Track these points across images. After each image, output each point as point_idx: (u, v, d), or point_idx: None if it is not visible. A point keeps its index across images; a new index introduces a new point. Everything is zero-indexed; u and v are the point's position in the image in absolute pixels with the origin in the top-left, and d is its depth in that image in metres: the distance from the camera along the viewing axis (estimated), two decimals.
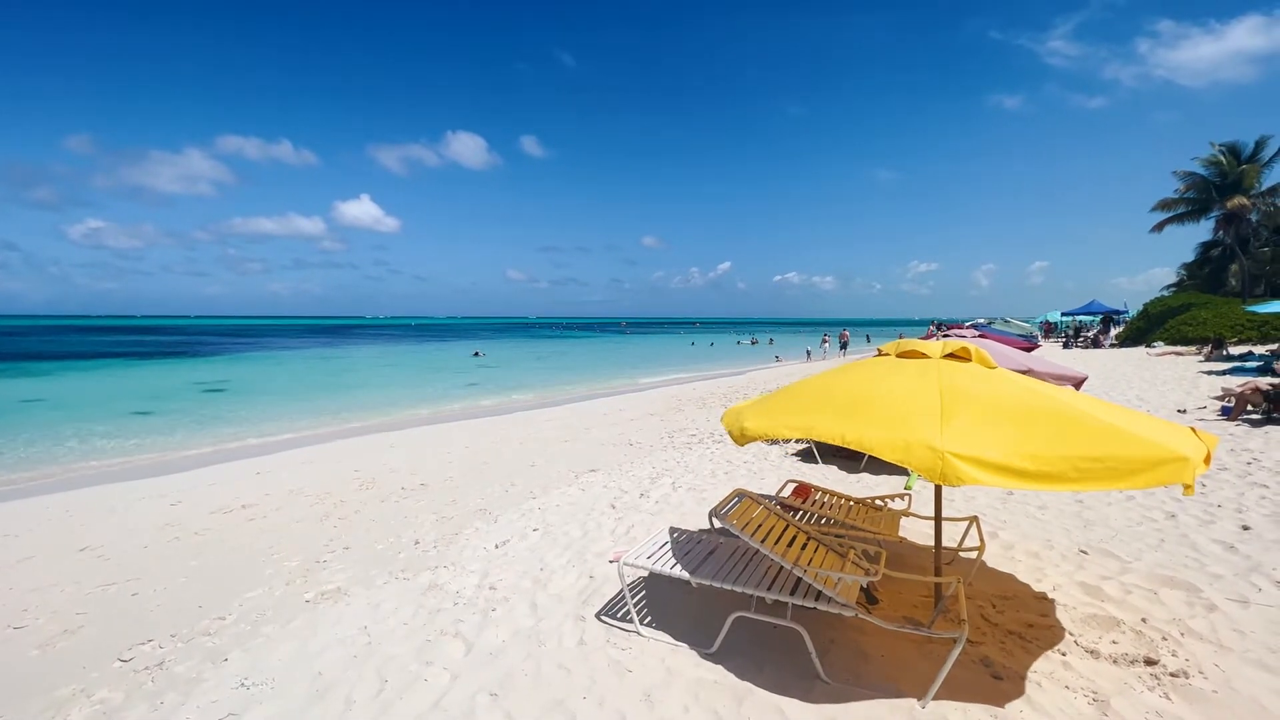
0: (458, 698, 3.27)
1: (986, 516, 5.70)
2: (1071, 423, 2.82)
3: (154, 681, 3.64)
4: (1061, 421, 2.83)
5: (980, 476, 2.62)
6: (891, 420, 2.98)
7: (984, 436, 2.77)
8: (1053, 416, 2.88)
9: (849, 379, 3.55)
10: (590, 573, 4.83)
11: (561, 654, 3.65)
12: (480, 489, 7.79)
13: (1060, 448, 2.66)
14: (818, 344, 38.92)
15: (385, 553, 5.62)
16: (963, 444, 2.71)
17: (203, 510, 7.44)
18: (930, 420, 2.88)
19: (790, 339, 69.93)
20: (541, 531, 5.92)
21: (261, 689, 3.47)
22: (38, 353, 46.76)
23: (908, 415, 2.97)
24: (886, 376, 3.42)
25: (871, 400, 3.20)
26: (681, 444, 10.11)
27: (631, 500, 6.83)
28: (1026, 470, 2.61)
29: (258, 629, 4.24)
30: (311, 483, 8.62)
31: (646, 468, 8.44)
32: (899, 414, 3.00)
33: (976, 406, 2.99)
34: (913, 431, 2.84)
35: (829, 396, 3.39)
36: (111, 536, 6.54)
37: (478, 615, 4.21)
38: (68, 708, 3.42)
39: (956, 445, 2.70)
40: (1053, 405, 2.97)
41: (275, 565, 5.46)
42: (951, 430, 2.81)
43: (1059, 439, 2.72)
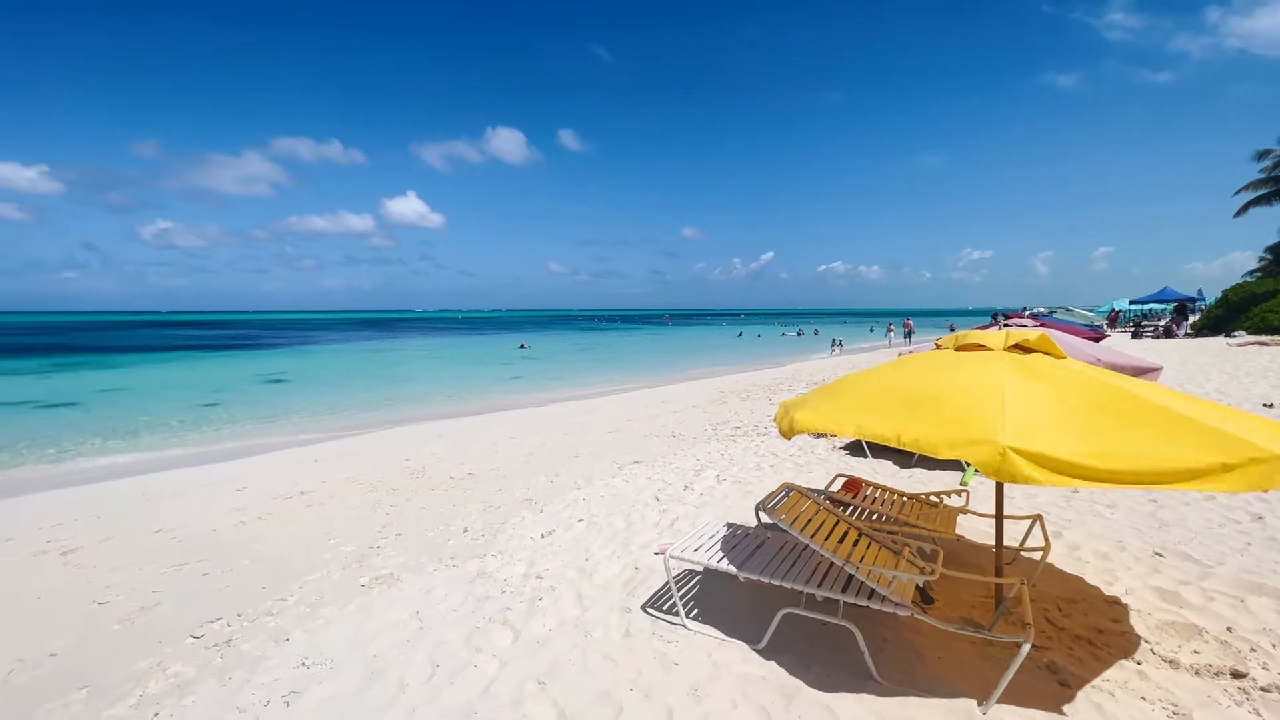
0: (506, 685, 3.32)
1: (1050, 515, 5.43)
2: (1147, 416, 2.62)
3: (222, 658, 3.83)
4: (1136, 415, 2.64)
5: (1043, 475, 2.46)
6: (949, 417, 2.84)
7: (1049, 431, 2.60)
8: (1126, 409, 2.68)
9: (904, 374, 3.41)
10: (635, 564, 4.82)
11: (608, 645, 3.65)
12: (525, 479, 7.90)
13: (1134, 443, 2.47)
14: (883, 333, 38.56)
15: (435, 540, 5.76)
16: (1025, 439, 2.55)
17: (265, 496, 7.80)
18: (991, 414, 2.73)
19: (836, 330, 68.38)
20: (586, 522, 5.95)
21: (320, 669, 3.60)
22: (116, 346, 49.97)
23: (966, 410, 2.82)
24: (945, 370, 3.26)
25: (927, 396, 3.05)
26: (725, 436, 10.00)
27: (675, 493, 6.79)
28: (1095, 468, 2.43)
29: (316, 611, 4.41)
30: (364, 471, 8.92)
31: (690, 460, 8.38)
32: (957, 410, 2.86)
33: (1042, 399, 2.82)
34: (971, 427, 2.70)
35: (883, 392, 3.26)
36: (183, 519, 6.92)
37: (525, 604, 4.26)
38: (146, 680, 3.63)
39: (1018, 440, 2.55)
40: (1126, 397, 2.77)
41: (332, 550, 5.67)
42: (1013, 424, 2.64)
43: (1133, 433, 2.53)
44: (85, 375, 27.88)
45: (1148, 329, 28.62)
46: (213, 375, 27.53)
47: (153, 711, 3.30)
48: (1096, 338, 10.49)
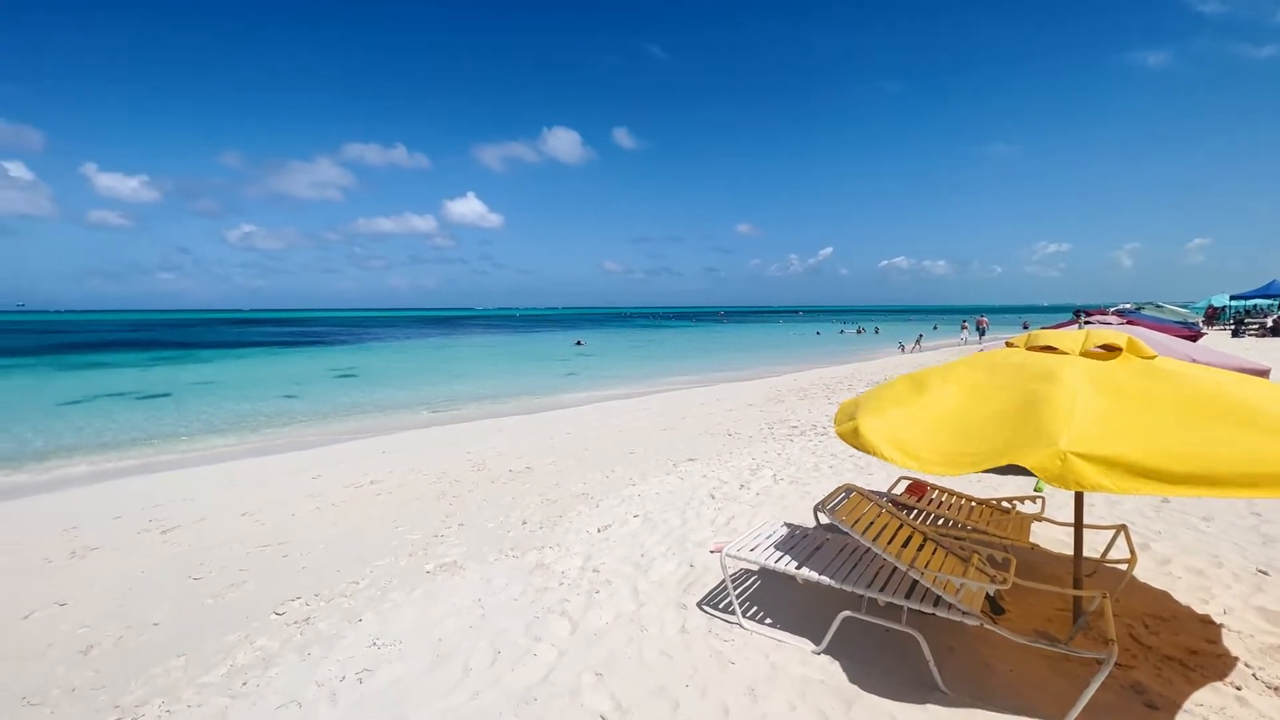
0: (564, 674, 3.39)
1: (1136, 526, 5.08)
2: (1248, 417, 2.40)
3: (302, 634, 4.08)
4: (1234, 415, 2.43)
5: (1115, 482, 2.27)
6: (1008, 421, 2.69)
7: (1127, 434, 2.41)
8: (1223, 409, 2.47)
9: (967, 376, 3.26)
10: (690, 561, 4.82)
11: (663, 640, 3.67)
12: (581, 474, 8.02)
13: (1227, 445, 2.26)
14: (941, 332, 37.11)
15: (495, 531, 5.94)
16: (1094, 443, 2.36)
17: (338, 484, 8.23)
18: (1056, 417, 2.56)
19: (899, 327, 66.02)
20: (642, 518, 6.00)
21: (390, 649, 3.79)
22: (205, 342, 53.85)
23: (1028, 413, 2.66)
24: (1011, 372, 3.10)
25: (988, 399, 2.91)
26: (782, 436, 9.85)
27: (731, 491, 6.74)
28: (1175, 472, 2.20)
29: (386, 594, 4.63)
30: (429, 463, 9.28)
31: (746, 459, 8.30)
32: (1019, 413, 2.70)
33: (1121, 401, 2.63)
34: (1031, 430, 2.55)
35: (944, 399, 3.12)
36: (266, 504, 7.40)
37: (582, 596, 4.34)
38: (235, 651, 3.91)
39: (1085, 445, 2.36)
40: (1223, 396, 2.56)
41: (399, 537, 5.93)
42: (1081, 427, 2.46)
43: (1229, 435, 2.32)
44: (179, 369, 30.19)
45: (1251, 326, 26.23)
46: (290, 370, 29.25)
47: (241, 681, 3.56)
48: (1192, 336, 9.70)
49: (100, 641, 4.14)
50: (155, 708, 3.35)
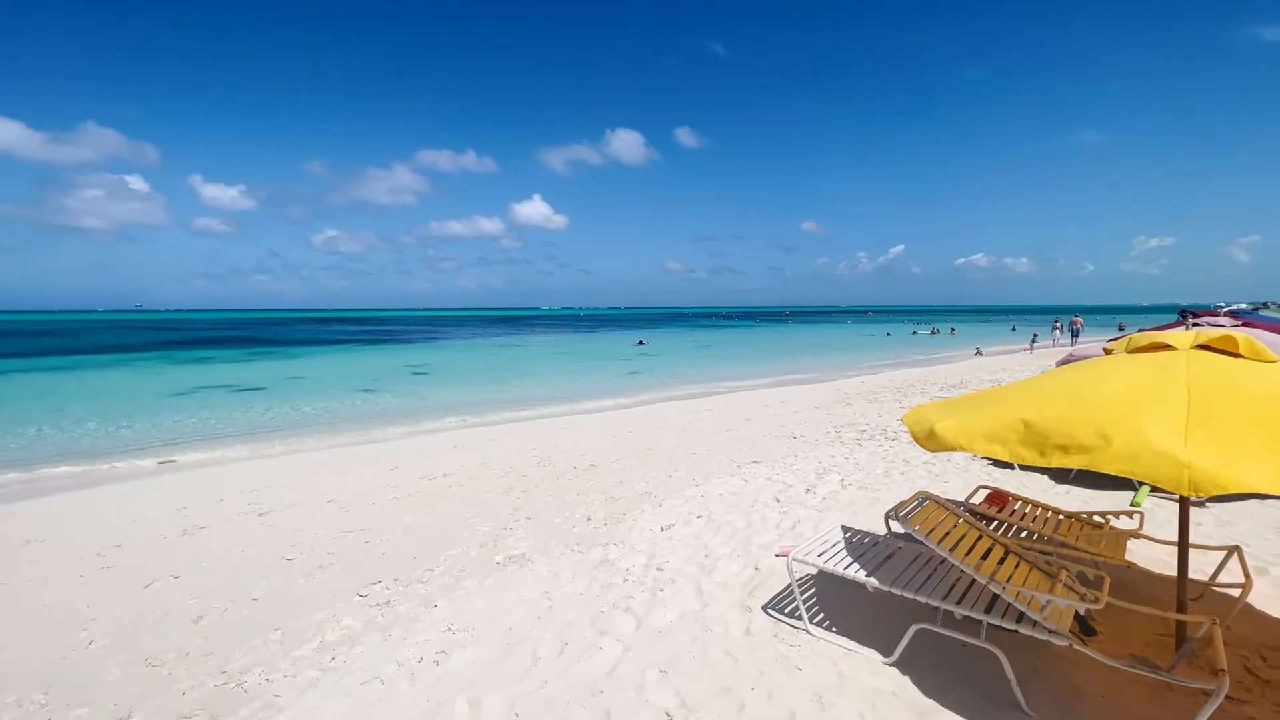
0: (630, 669, 3.44)
1: (1252, 548, 4.63)
2: None
3: (383, 616, 4.33)
4: None
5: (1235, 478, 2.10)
6: (1116, 425, 2.52)
7: (1245, 436, 2.22)
8: None
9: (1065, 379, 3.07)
10: (755, 564, 4.78)
11: (728, 642, 3.66)
12: (644, 473, 8.08)
13: None
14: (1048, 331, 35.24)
15: (561, 526, 6.08)
16: (1216, 454, 2.19)
17: (413, 476, 8.65)
18: (1171, 423, 2.38)
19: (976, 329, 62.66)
20: (705, 519, 5.99)
21: (464, 635, 3.96)
22: (294, 339, 57.77)
23: (1139, 418, 2.48)
24: (1115, 373, 2.90)
25: (1090, 401, 2.72)
26: (850, 440, 9.57)
27: (796, 495, 6.62)
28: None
29: (459, 583, 4.84)
30: (497, 457, 9.60)
31: (812, 462, 8.12)
32: (1126, 418, 2.52)
33: (1243, 407, 2.41)
34: (1144, 437, 2.37)
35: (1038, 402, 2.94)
36: (348, 492, 7.88)
37: (646, 594, 4.38)
38: (324, 628, 4.20)
39: (1206, 456, 2.19)
40: None
41: (471, 528, 6.17)
42: (1201, 435, 2.29)
43: None
44: (272, 364, 32.55)
45: None
46: (369, 366, 30.94)
47: (330, 656, 3.81)
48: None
49: (208, 612, 4.53)
50: (256, 676, 3.64)
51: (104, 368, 30.95)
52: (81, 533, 6.65)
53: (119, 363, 33.97)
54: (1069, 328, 32.87)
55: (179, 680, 3.64)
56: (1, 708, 3.43)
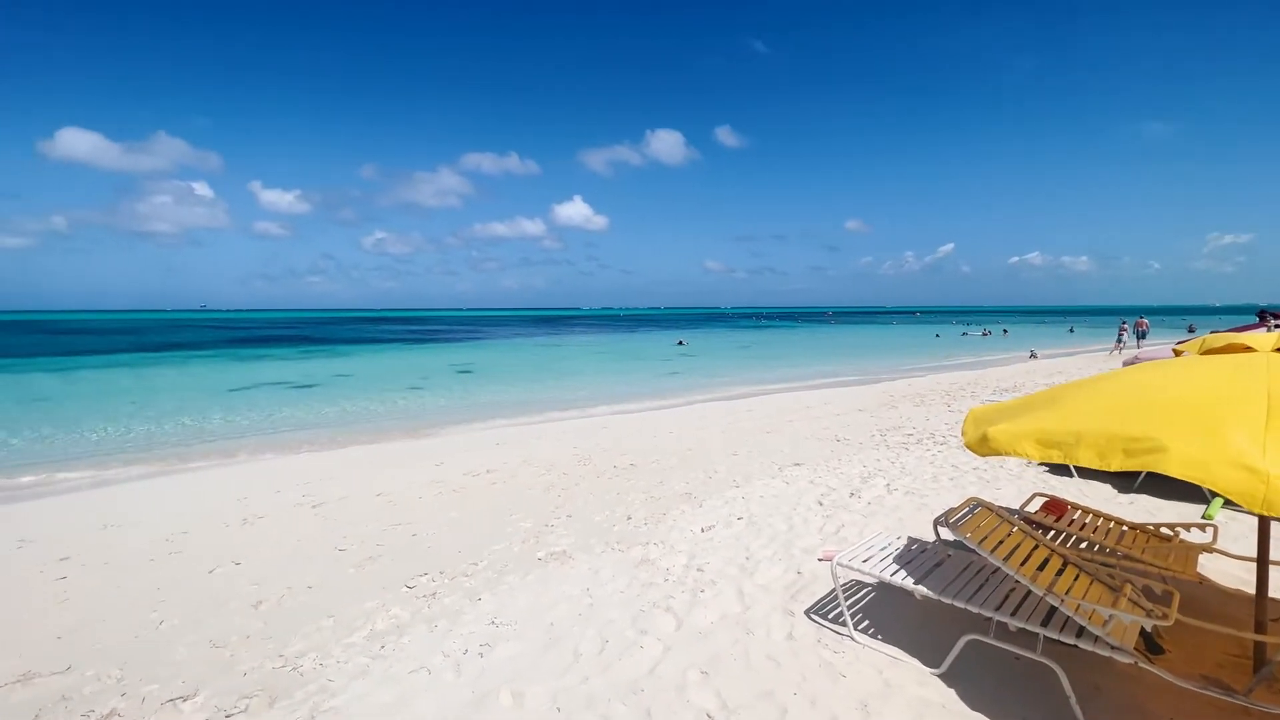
0: (670, 669, 3.44)
1: None
2: None
3: (429, 607, 4.45)
4: None
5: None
6: (1186, 428, 2.37)
7: None
8: None
9: (1131, 381, 2.92)
10: (798, 568, 4.71)
11: (770, 645, 3.62)
12: (684, 473, 8.06)
13: None
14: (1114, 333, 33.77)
15: (602, 524, 6.12)
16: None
17: (458, 471, 8.85)
18: (1248, 430, 2.23)
19: (1031, 330, 60.15)
20: (746, 521, 5.93)
21: (507, 629, 4.03)
22: (345, 338, 59.91)
23: (1211, 421, 2.33)
24: (1185, 375, 2.74)
25: (1159, 405, 2.58)
26: (896, 443, 9.32)
27: (840, 499, 6.49)
28: None
29: (502, 577, 4.93)
30: (538, 455, 9.73)
31: (856, 466, 7.95)
32: (1198, 420, 2.38)
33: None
34: (1216, 443, 2.23)
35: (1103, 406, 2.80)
36: (396, 486, 8.12)
37: (687, 594, 4.37)
38: (374, 617, 4.34)
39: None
40: None
41: (513, 524, 6.28)
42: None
43: None
44: (324, 362, 33.83)
45: None
46: (416, 364, 31.82)
47: (380, 644, 3.94)
48: None
49: (267, 598, 4.74)
50: (311, 660, 3.79)
51: (171, 364, 32.78)
52: (152, 519, 7.06)
53: (185, 359, 35.93)
54: (1135, 329, 31.21)
55: (241, 662, 3.82)
56: (82, 680, 3.67)
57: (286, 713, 3.25)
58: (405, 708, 3.24)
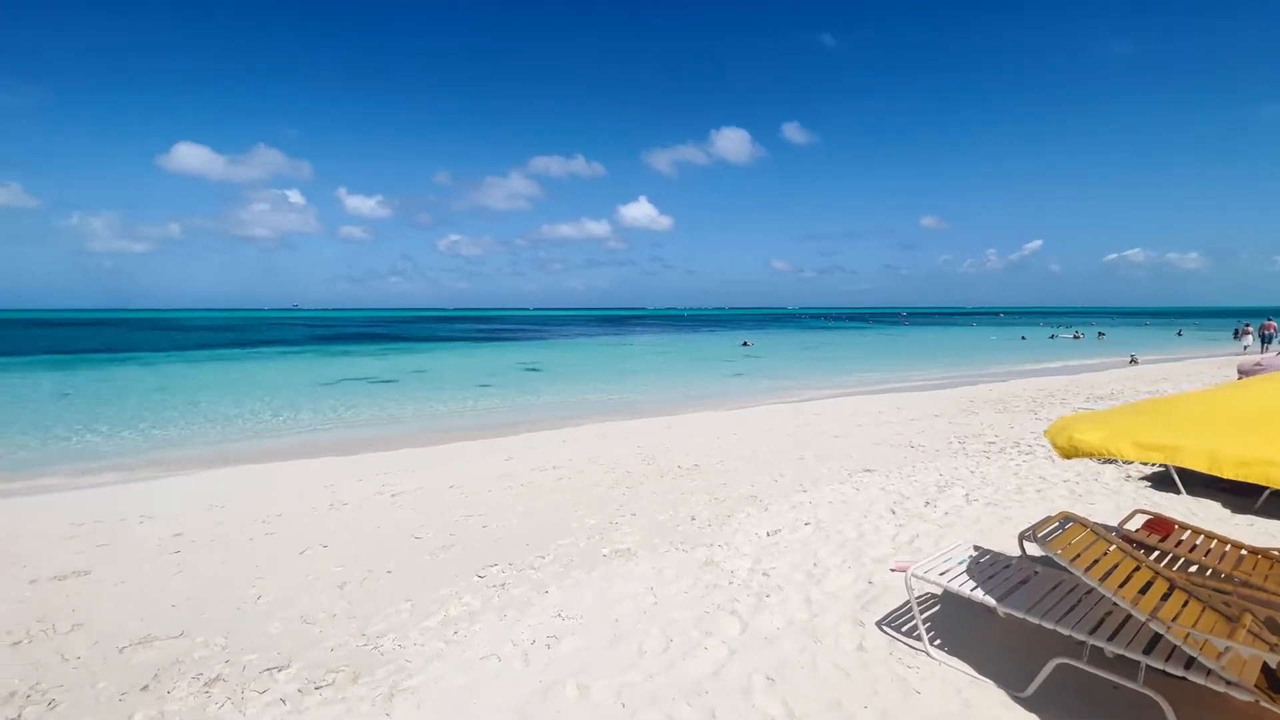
0: (735, 672, 3.41)
1: None
2: None
3: (499, 597, 4.60)
4: None
5: None
6: None
7: None
8: None
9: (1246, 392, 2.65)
10: (869, 577, 4.55)
11: (839, 655, 3.52)
12: (750, 476, 7.95)
13: None
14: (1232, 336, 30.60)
15: (666, 524, 6.13)
16: None
17: (526, 467, 9.10)
18: None
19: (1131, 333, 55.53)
20: (814, 526, 5.79)
21: (573, 623, 4.11)
22: (421, 336, 62.84)
23: None
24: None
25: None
26: (976, 452, 8.84)
27: (914, 508, 6.22)
28: None
29: (568, 572, 5.03)
30: (604, 453, 9.86)
31: (932, 474, 7.59)
32: None
33: None
34: None
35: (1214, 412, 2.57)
36: (468, 479, 8.44)
37: (752, 598, 4.32)
38: (447, 603, 4.53)
39: None
40: None
41: (579, 520, 6.39)
42: None
43: None
44: (401, 358, 35.62)
45: None
46: (485, 362, 32.95)
47: (453, 630, 4.11)
48: None
49: (351, 580, 5.04)
50: (390, 641, 4.01)
51: (268, 359, 35.46)
52: (251, 502, 7.65)
53: (280, 355, 38.79)
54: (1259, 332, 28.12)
55: (328, 638, 4.08)
56: (193, 646, 4.03)
57: (369, 689, 3.45)
58: (477, 693, 3.37)
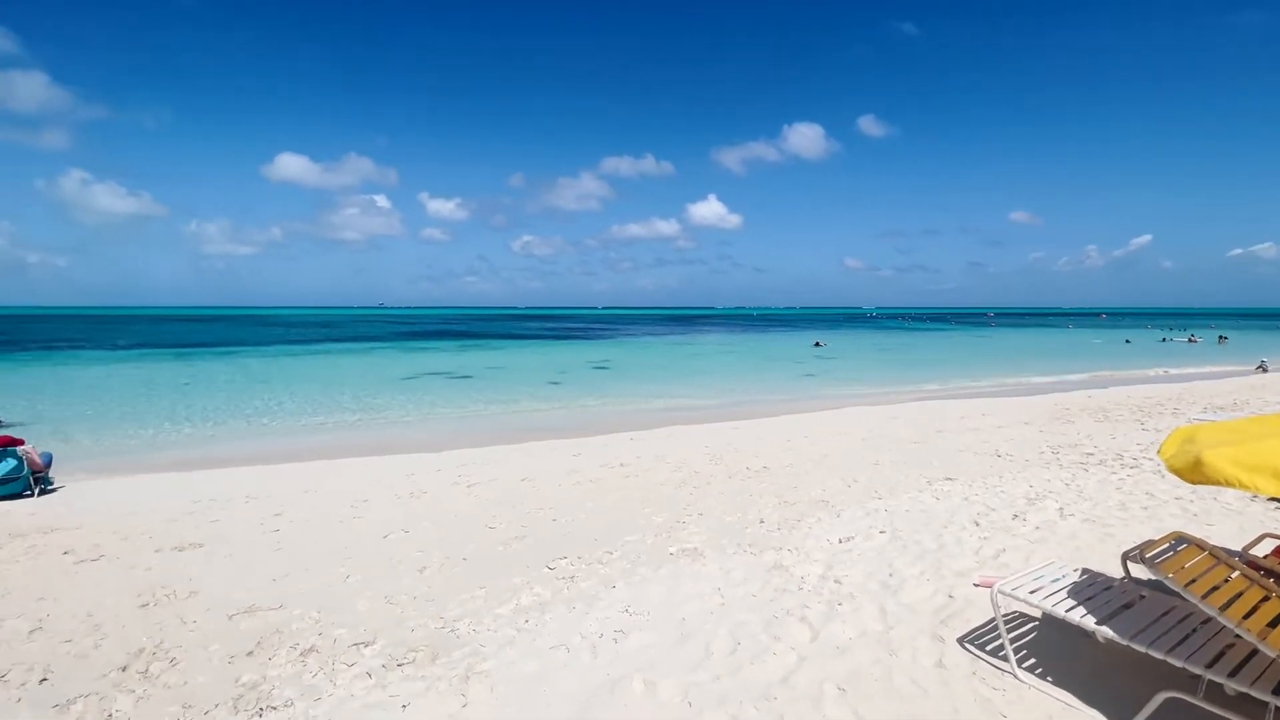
0: (805, 680, 3.32)
1: None
2: None
3: (568, 589, 4.69)
4: None
5: None
6: None
7: None
8: None
9: None
10: (949, 591, 4.32)
11: (916, 670, 3.36)
12: (820, 480, 7.73)
13: None
14: None
15: (734, 525, 6.06)
16: None
17: (594, 463, 9.24)
18: None
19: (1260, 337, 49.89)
20: (889, 535, 5.56)
21: (640, 618, 4.14)
22: (495, 334, 65.18)
23: None
24: None
25: None
26: (1071, 463, 8.20)
27: (1001, 520, 5.85)
28: None
29: (635, 568, 5.07)
30: (671, 452, 9.86)
31: (1021, 485, 7.11)
32: None
33: None
34: None
35: None
36: (538, 473, 8.67)
37: (823, 605, 4.20)
38: (519, 592, 4.67)
39: None
40: None
41: (646, 518, 6.43)
42: None
43: None
44: (477, 355, 37.07)
45: None
46: (556, 360, 33.73)
47: (524, 619, 4.23)
48: None
49: (429, 564, 5.30)
50: (465, 625, 4.18)
51: (357, 354, 37.85)
52: (340, 487, 8.19)
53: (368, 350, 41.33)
54: None
55: (409, 618, 4.30)
56: (290, 617, 4.36)
57: (446, 669, 3.61)
58: (546, 681, 3.46)
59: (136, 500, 7.88)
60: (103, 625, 4.29)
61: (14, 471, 8.23)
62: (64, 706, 3.36)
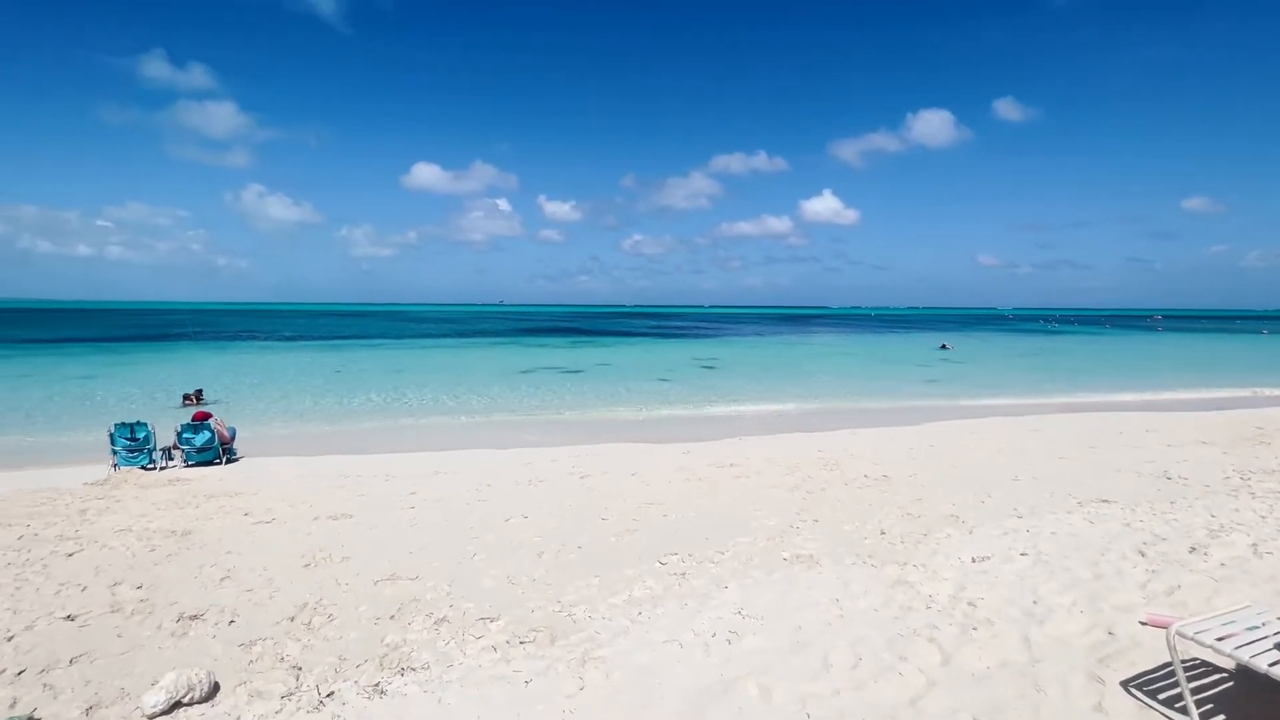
0: (936, 706, 3.09)
1: None
2: None
3: (680, 586, 4.71)
4: None
5: None
6: None
7: None
8: None
9: None
10: (1109, 627, 3.83)
11: (1071, 712, 3.01)
12: (948, 493, 7.16)
13: None
14: None
15: (852, 535, 5.78)
16: None
17: (703, 462, 9.20)
18: None
19: None
20: (1032, 558, 5.03)
21: (753, 622, 4.06)
22: (605, 331, 66.96)
23: None
24: None
25: None
26: (1267, 492, 6.97)
27: (1174, 552, 5.10)
28: None
29: (747, 570, 4.98)
30: (782, 454, 9.59)
31: (1199, 514, 6.16)
32: None
33: None
34: None
35: None
36: (647, 469, 8.78)
37: (955, 628, 3.88)
38: (632, 584, 4.75)
39: None
40: None
41: (758, 521, 6.29)
42: None
43: None
44: (588, 351, 38.31)
45: None
46: (663, 358, 34.04)
47: (637, 610, 4.30)
48: None
49: (546, 550, 5.54)
50: (581, 610, 4.32)
51: (479, 348, 40.57)
52: (467, 471, 8.79)
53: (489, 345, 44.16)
54: None
55: (529, 599, 4.52)
56: (425, 588, 4.74)
57: (564, 651, 3.75)
58: (659, 673, 3.49)
59: (298, 472, 8.96)
60: (275, 579, 4.92)
61: (208, 442, 9.67)
62: (248, 646, 3.88)
